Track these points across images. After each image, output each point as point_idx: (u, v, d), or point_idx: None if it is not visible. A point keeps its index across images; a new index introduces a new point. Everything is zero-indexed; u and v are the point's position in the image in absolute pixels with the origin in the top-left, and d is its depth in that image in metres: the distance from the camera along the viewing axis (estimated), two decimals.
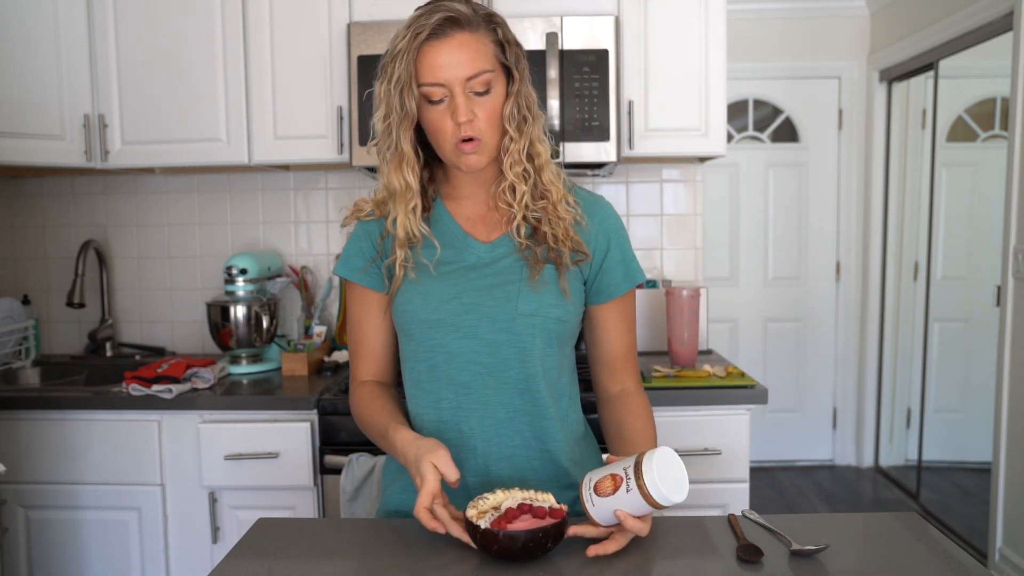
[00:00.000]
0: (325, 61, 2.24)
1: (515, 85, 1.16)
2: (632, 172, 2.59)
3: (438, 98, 1.13)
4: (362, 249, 1.26)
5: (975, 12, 3.10)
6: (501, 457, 1.20)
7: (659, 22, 2.23)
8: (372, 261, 1.24)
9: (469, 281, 1.19)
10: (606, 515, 1.03)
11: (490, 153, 1.17)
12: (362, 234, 1.27)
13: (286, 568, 1.04)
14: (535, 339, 1.18)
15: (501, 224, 1.24)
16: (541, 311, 1.18)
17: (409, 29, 1.12)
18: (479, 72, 1.12)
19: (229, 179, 2.64)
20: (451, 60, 1.11)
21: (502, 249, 1.22)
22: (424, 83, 1.12)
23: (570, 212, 1.21)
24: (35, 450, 2.07)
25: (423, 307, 1.19)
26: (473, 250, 1.22)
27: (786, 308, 4.27)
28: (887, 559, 1.03)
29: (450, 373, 1.19)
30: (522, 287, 1.18)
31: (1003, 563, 2.79)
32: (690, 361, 2.26)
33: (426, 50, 1.11)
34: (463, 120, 1.12)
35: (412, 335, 1.21)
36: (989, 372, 3.08)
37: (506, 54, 1.16)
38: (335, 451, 1.99)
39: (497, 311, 1.18)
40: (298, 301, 2.61)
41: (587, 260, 1.23)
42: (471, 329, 1.18)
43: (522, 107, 1.17)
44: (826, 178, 4.19)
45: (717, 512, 1.98)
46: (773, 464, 4.33)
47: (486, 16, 1.15)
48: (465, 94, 1.12)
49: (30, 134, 2.22)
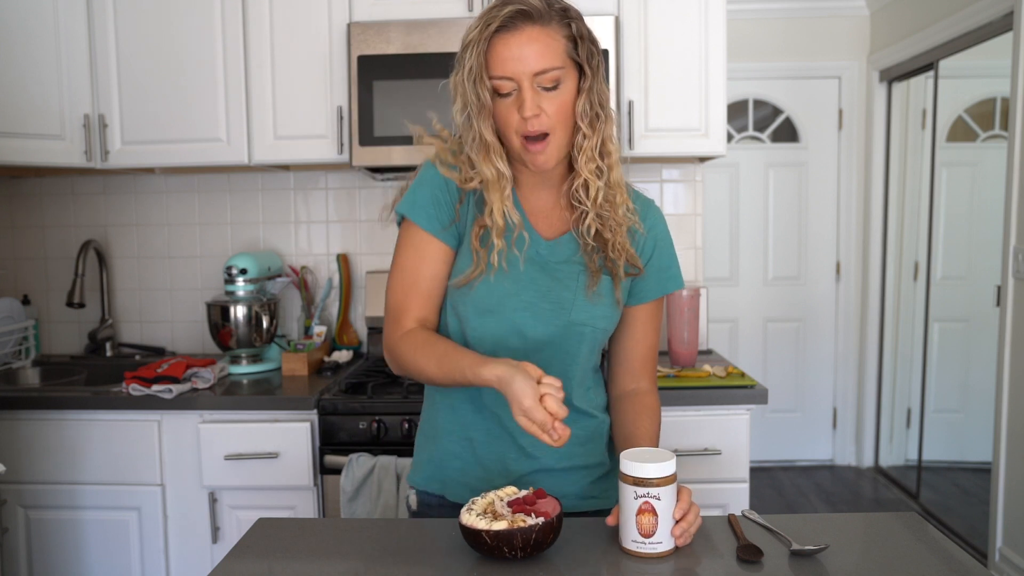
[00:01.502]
0: (325, 61, 2.24)
1: (587, 81, 1.14)
2: (632, 172, 2.59)
3: (506, 91, 1.12)
4: (437, 198, 1.20)
5: (975, 12, 3.10)
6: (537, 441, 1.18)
7: (659, 22, 2.23)
8: (453, 222, 1.20)
9: (529, 279, 1.20)
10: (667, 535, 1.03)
11: (559, 151, 1.16)
12: (440, 183, 1.21)
13: (286, 568, 1.04)
14: (581, 346, 1.22)
15: (564, 222, 1.24)
16: (591, 321, 1.21)
17: (481, 20, 1.11)
18: (547, 68, 1.10)
19: (229, 179, 2.64)
20: (520, 54, 1.10)
21: (563, 249, 1.22)
22: (493, 75, 1.11)
23: (629, 219, 1.22)
24: (35, 450, 2.07)
25: (485, 296, 1.18)
26: (535, 243, 1.21)
27: (786, 308, 4.27)
28: (887, 559, 1.02)
29: None
30: (578, 295, 1.20)
31: (1003, 563, 2.79)
32: (690, 361, 2.26)
33: (496, 42, 1.10)
34: (529, 115, 1.10)
35: (464, 318, 1.21)
36: (989, 372, 3.08)
37: (579, 50, 1.13)
38: (335, 451, 1.99)
39: (551, 315, 1.19)
40: (298, 301, 2.61)
41: (640, 274, 1.24)
42: (523, 325, 1.19)
43: (595, 104, 1.15)
44: (826, 178, 4.19)
45: (717, 512, 1.97)
46: (773, 464, 4.33)
47: (560, 10, 1.13)
48: (533, 88, 1.11)
49: (30, 134, 2.22)
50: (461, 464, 1.25)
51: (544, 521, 0.99)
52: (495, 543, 0.98)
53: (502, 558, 1.00)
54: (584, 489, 1.27)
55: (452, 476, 1.26)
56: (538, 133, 1.12)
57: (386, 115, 2.16)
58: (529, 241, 1.21)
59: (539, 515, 1.01)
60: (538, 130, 1.12)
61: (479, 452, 1.24)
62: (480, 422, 1.24)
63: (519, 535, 0.98)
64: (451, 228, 1.21)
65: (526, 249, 1.20)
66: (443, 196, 1.20)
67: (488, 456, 1.24)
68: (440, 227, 1.20)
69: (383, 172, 2.45)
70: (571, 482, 1.25)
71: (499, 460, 1.24)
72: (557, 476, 1.24)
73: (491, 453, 1.24)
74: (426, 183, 1.21)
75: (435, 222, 1.20)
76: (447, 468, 1.26)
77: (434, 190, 1.20)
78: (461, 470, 1.25)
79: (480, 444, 1.24)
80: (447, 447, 1.26)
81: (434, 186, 1.21)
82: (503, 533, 0.98)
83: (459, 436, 1.25)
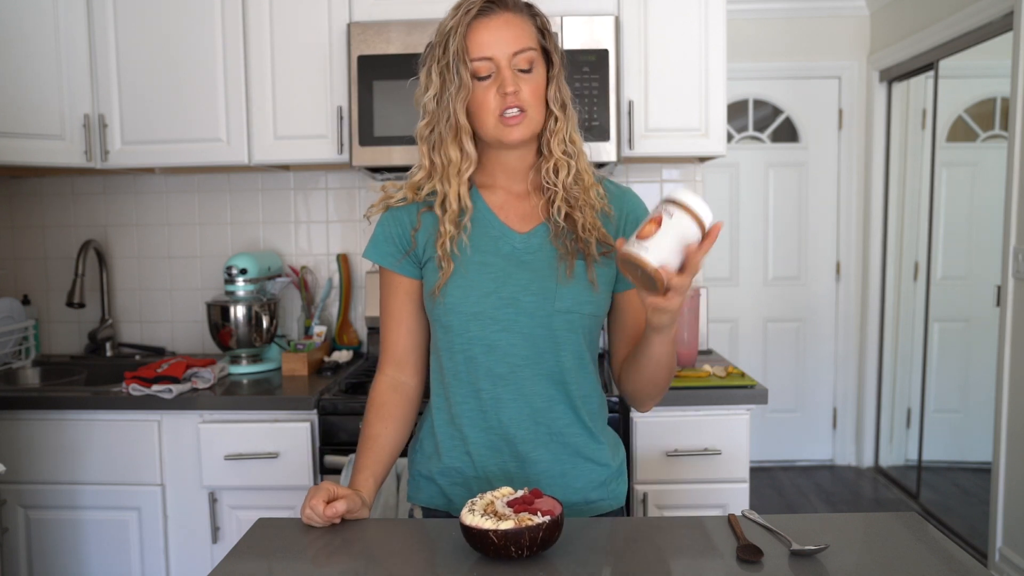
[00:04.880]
0: (325, 61, 2.24)
1: (555, 70, 1.22)
2: (632, 172, 2.59)
3: (485, 74, 1.18)
4: (391, 235, 1.27)
5: (975, 12, 3.10)
6: (537, 444, 1.24)
7: (659, 22, 2.23)
8: (406, 253, 1.26)
9: (507, 275, 1.22)
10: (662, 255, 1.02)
11: (533, 128, 1.21)
12: (392, 220, 1.28)
13: (286, 568, 1.04)
14: (571, 334, 1.23)
15: (535, 214, 1.26)
16: (576, 308, 1.22)
17: (458, 9, 1.19)
18: (524, 48, 1.18)
19: (229, 179, 2.64)
20: (498, 36, 1.17)
21: (536, 239, 1.24)
22: (473, 58, 1.17)
23: (599, 201, 1.25)
24: (35, 450, 2.07)
25: (463, 300, 1.21)
26: (508, 239, 1.24)
27: (786, 308, 4.27)
28: (887, 559, 1.02)
29: (489, 364, 1.23)
30: (559, 283, 1.21)
31: (1003, 563, 2.79)
32: (690, 361, 2.26)
33: (475, 26, 1.17)
34: (510, 90, 1.16)
35: (450, 327, 1.23)
36: (989, 372, 3.08)
37: (546, 40, 1.22)
38: (335, 451, 1.99)
39: (535, 307, 1.21)
40: (298, 301, 2.61)
41: (613, 251, 1.25)
42: (510, 323, 1.21)
43: (563, 92, 1.23)
44: (826, 178, 4.19)
45: (717, 512, 1.98)
46: (773, 464, 4.33)
47: (526, 5, 1.23)
48: (511, 68, 1.17)
49: (30, 134, 2.22)
50: (463, 479, 1.26)
51: (551, 519, 1.00)
52: (502, 543, 0.98)
53: (508, 558, 1.00)
54: (585, 496, 1.27)
55: (456, 492, 1.27)
56: (516, 107, 1.17)
57: (386, 115, 2.16)
58: (503, 238, 1.24)
59: (543, 514, 1.01)
60: (516, 104, 1.17)
61: (479, 464, 1.25)
62: (479, 436, 1.25)
63: (527, 534, 0.98)
64: (410, 256, 1.26)
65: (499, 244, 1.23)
66: (394, 229, 1.27)
67: (490, 467, 1.25)
68: (395, 260, 1.27)
69: (383, 172, 2.45)
70: (574, 491, 1.26)
71: (501, 470, 1.25)
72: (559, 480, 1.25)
73: (492, 464, 1.25)
74: (379, 224, 1.29)
75: (390, 257, 1.27)
76: (451, 485, 1.27)
77: (386, 228, 1.28)
78: (464, 484, 1.26)
79: (480, 457, 1.25)
80: (449, 464, 1.27)
81: (385, 224, 1.28)
82: (511, 532, 0.98)
83: (460, 452, 1.26)
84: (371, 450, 1.25)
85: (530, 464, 1.24)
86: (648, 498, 1.99)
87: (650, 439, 2.00)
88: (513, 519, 1.00)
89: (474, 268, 1.22)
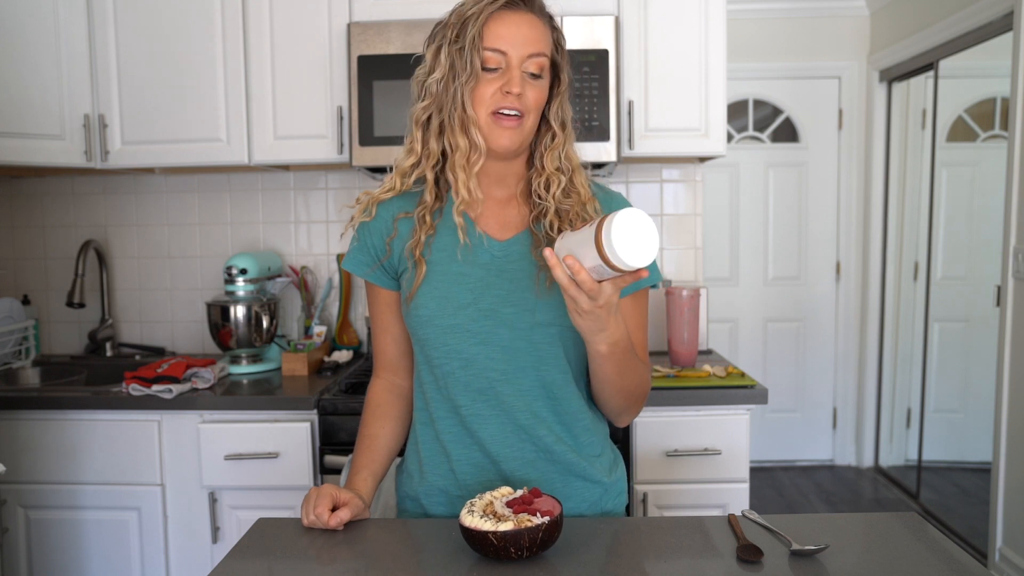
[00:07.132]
0: (325, 61, 2.24)
1: (561, 87, 1.20)
2: (632, 172, 2.59)
3: (492, 66, 1.14)
4: (365, 245, 1.25)
5: (975, 12, 3.10)
6: (524, 463, 1.20)
7: (659, 22, 2.23)
8: (380, 261, 1.23)
9: (485, 285, 1.17)
10: (562, 253, 0.97)
11: (524, 138, 1.17)
12: (364, 230, 1.25)
13: (286, 568, 1.04)
14: (553, 348, 1.18)
15: (517, 221, 1.22)
16: (558, 320, 1.16)
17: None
18: (539, 53, 1.15)
19: (229, 179, 2.64)
20: (518, 33, 1.13)
21: (517, 247, 1.20)
22: (487, 47, 1.13)
23: (595, 216, 1.20)
24: (35, 450, 2.07)
25: (439, 312, 1.17)
26: (488, 247, 1.19)
27: (786, 308, 4.27)
28: (887, 559, 1.02)
29: (467, 379, 1.18)
30: (539, 294, 1.16)
31: (1003, 563, 2.79)
32: (690, 361, 2.26)
33: (497, 16, 1.14)
34: (515, 91, 1.13)
35: (426, 340, 1.19)
36: (989, 372, 3.08)
37: (559, 55, 1.20)
38: (335, 451, 1.99)
39: (515, 319, 1.16)
40: (298, 301, 2.61)
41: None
42: (488, 335, 1.17)
43: (566, 110, 1.22)
44: (826, 178, 4.19)
45: (717, 512, 1.98)
46: (773, 464, 4.33)
47: (550, 17, 1.20)
48: (520, 69, 1.14)
49: (30, 134, 2.22)
50: (447, 499, 1.23)
51: (550, 520, 0.99)
52: (502, 544, 0.98)
53: (507, 559, 1.00)
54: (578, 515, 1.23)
55: (440, 512, 1.24)
56: (515, 110, 1.14)
57: (386, 115, 2.16)
58: (480, 246, 1.19)
59: (543, 514, 1.01)
60: (516, 107, 1.14)
61: (463, 481, 1.21)
62: (462, 452, 1.21)
63: (527, 535, 0.98)
64: (384, 266, 1.24)
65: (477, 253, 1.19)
66: (368, 239, 1.25)
67: (473, 485, 1.21)
68: (369, 269, 1.25)
69: (383, 172, 2.45)
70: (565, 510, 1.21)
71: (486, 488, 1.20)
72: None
73: (476, 482, 1.21)
74: (355, 238, 1.27)
75: (365, 267, 1.25)
76: (435, 505, 1.24)
77: (362, 239, 1.25)
78: (448, 504, 1.23)
79: (464, 474, 1.21)
80: (433, 482, 1.24)
81: (360, 235, 1.26)
82: (510, 534, 0.98)
83: (444, 468, 1.22)
84: (369, 449, 1.25)
85: (515, 483, 1.19)
86: (648, 498, 1.99)
87: (650, 439, 2.00)
88: (512, 520, 1.00)
89: (450, 279, 1.17)
